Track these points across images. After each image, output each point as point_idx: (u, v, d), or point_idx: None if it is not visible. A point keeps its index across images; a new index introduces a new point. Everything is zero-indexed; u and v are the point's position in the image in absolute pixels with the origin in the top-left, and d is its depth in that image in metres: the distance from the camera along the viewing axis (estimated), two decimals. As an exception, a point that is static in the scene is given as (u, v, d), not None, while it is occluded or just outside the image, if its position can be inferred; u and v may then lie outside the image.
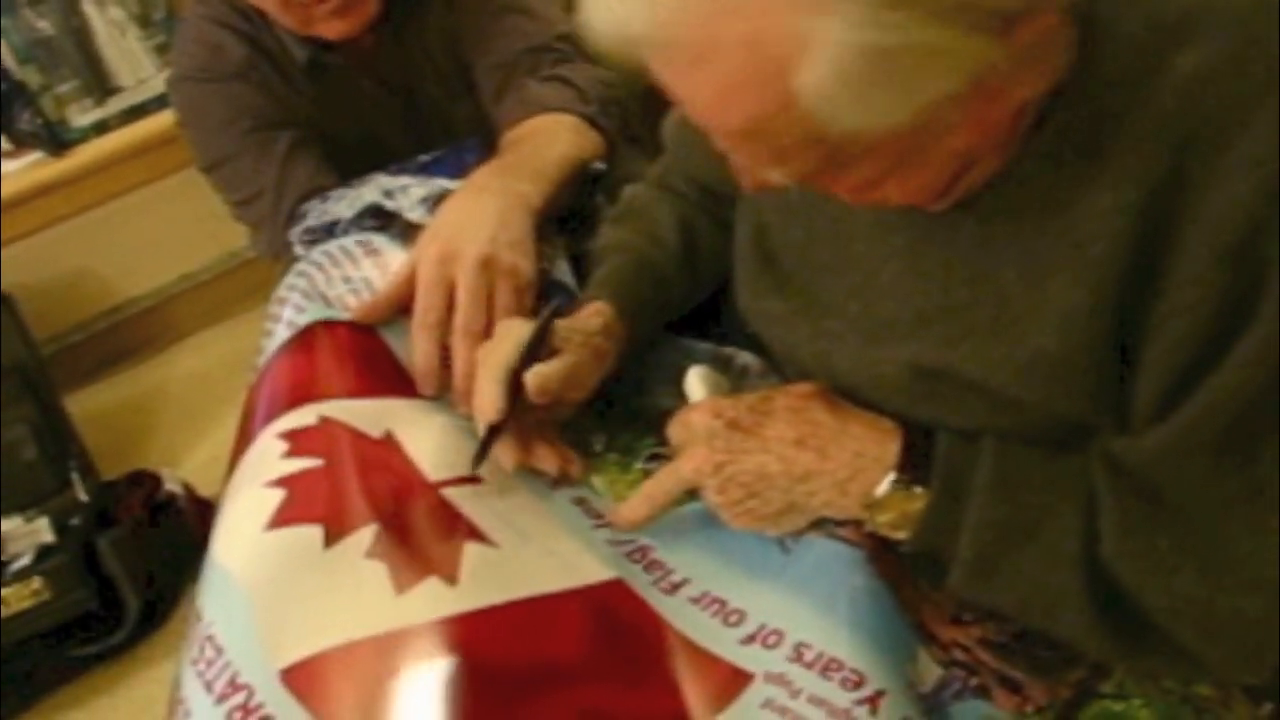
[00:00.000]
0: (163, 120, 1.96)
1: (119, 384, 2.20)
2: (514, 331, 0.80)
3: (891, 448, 0.67)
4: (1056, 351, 0.60)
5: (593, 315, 0.84)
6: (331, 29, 1.11)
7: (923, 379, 0.67)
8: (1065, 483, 0.63)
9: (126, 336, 2.23)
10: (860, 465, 0.67)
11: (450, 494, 0.75)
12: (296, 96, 1.20)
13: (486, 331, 0.84)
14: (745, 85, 0.51)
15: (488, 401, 0.77)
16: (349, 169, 1.13)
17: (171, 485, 1.75)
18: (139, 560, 1.61)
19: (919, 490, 0.65)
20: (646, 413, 0.84)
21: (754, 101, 0.52)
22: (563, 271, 0.95)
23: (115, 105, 2.04)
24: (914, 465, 0.66)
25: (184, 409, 2.10)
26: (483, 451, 0.77)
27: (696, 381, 0.80)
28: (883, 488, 0.66)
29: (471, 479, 0.77)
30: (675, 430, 0.75)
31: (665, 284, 0.90)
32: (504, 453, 0.78)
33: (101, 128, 2.04)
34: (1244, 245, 0.54)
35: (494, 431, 0.76)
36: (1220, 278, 0.54)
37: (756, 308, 0.81)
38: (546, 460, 0.78)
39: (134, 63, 2.03)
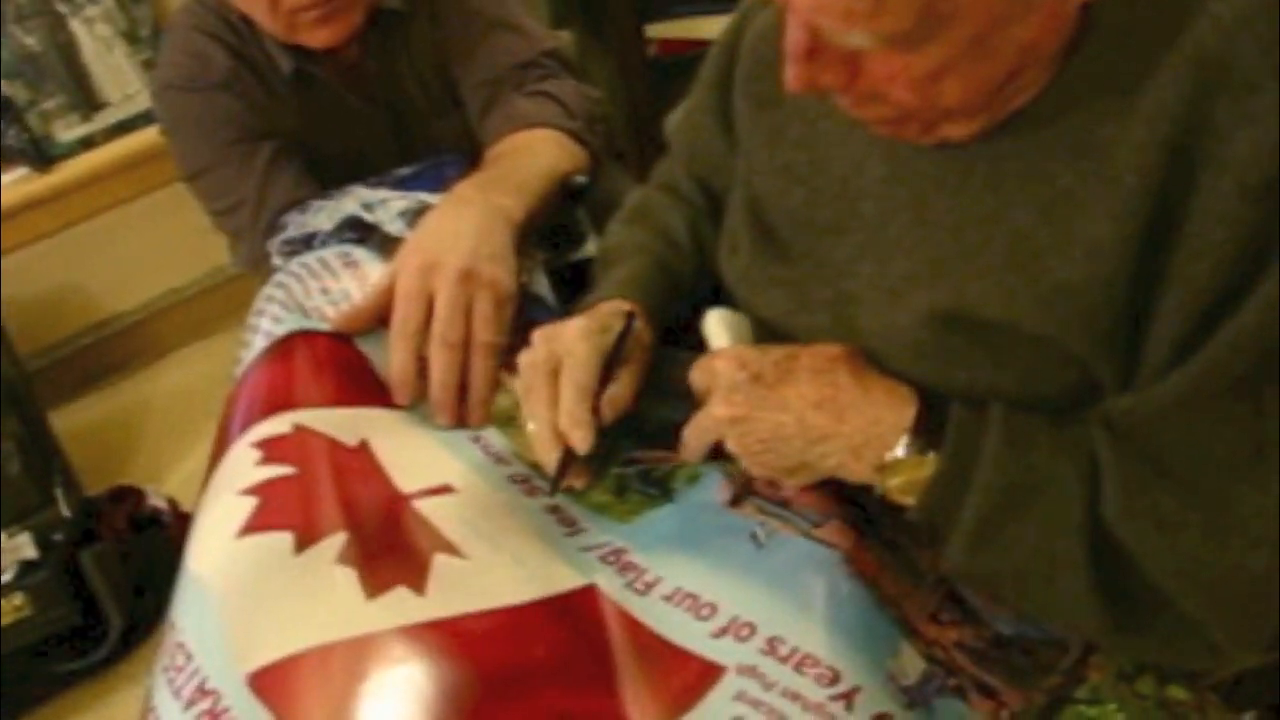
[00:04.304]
0: (149, 136, 1.96)
1: (104, 399, 2.20)
2: (589, 341, 0.78)
3: (907, 413, 0.67)
4: (1080, 282, 0.61)
5: (636, 323, 0.82)
6: (316, 37, 1.12)
7: (938, 327, 0.67)
8: (1070, 448, 0.63)
9: (111, 352, 2.23)
10: (876, 431, 0.67)
11: (422, 504, 0.74)
12: (280, 108, 1.20)
13: (464, 343, 0.84)
14: None
15: (576, 428, 0.75)
16: (332, 182, 1.14)
17: (156, 500, 1.75)
18: (122, 576, 1.61)
19: (931, 456, 0.65)
20: (603, 431, 0.83)
21: None
22: (542, 286, 0.96)
23: (101, 121, 2.05)
24: (928, 431, 0.66)
25: (169, 424, 2.10)
26: (560, 477, 0.76)
27: (718, 325, 0.77)
28: (895, 452, 0.66)
29: (443, 489, 0.76)
30: (699, 375, 0.74)
31: (682, 287, 0.90)
32: (577, 477, 0.78)
33: (87, 143, 2.05)
34: (1272, 184, 0.54)
35: (571, 454, 0.76)
36: (1249, 214, 0.55)
37: (758, 280, 0.80)
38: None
39: (120, 78, 2.04)
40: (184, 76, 1.19)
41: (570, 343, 0.78)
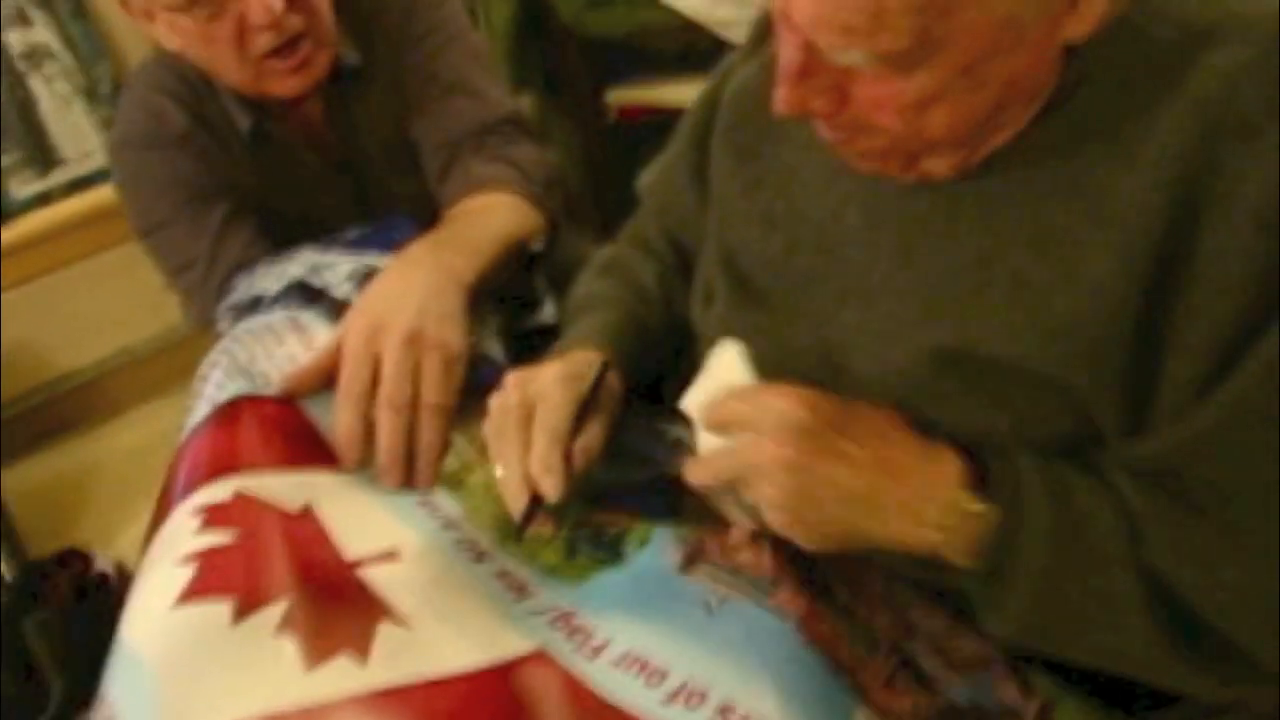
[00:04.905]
0: (105, 193, 1.95)
1: (54, 459, 2.15)
2: (564, 388, 0.77)
3: (954, 468, 0.65)
4: (1085, 318, 0.61)
5: (609, 373, 0.82)
6: (285, 86, 1.12)
7: (937, 368, 0.67)
8: (1102, 491, 0.63)
9: (63, 410, 2.19)
10: (932, 491, 0.65)
11: (367, 571, 0.73)
12: (236, 167, 1.20)
13: (412, 404, 0.83)
14: None
15: (547, 475, 0.74)
16: (287, 241, 1.13)
17: (104, 564, 1.71)
18: (64, 643, 1.56)
19: (983, 508, 0.64)
20: (573, 480, 0.83)
21: None
22: (493, 348, 0.95)
23: (58, 178, 2.04)
24: (978, 484, 0.65)
25: (120, 485, 2.06)
26: (526, 524, 0.75)
27: (740, 359, 0.73)
28: (967, 507, 0.64)
29: (389, 555, 0.75)
30: (739, 406, 0.70)
31: (650, 340, 0.90)
32: (543, 524, 0.76)
33: (43, 200, 2.03)
34: None
35: (538, 501, 0.75)
36: (1265, 248, 0.56)
37: (736, 328, 0.79)
38: None
39: (78, 136, 2.03)
40: (141, 134, 1.19)
41: (545, 388, 0.77)
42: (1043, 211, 0.64)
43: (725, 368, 0.72)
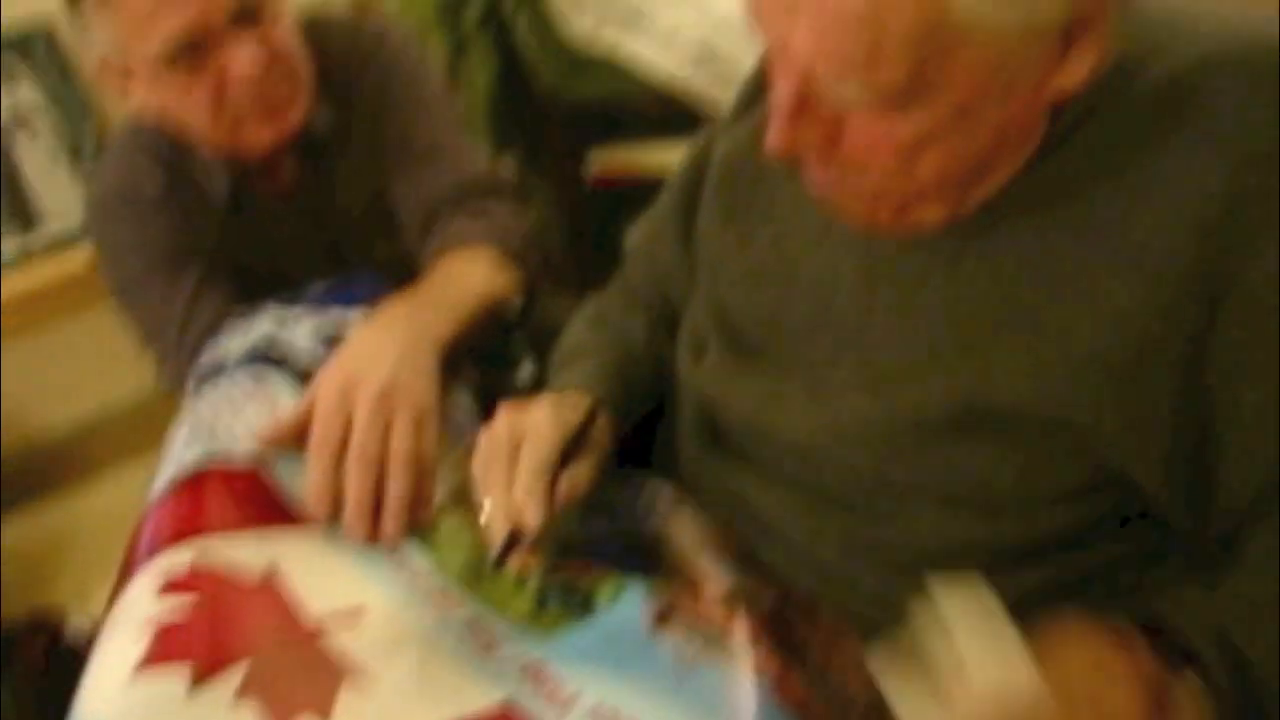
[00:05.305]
0: (87, 252, 1.94)
1: (33, 518, 2.14)
2: (553, 425, 0.78)
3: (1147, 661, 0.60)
4: (1111, 351, 0.61)
5: (599, 415, 0.83)
6: (260, 137, 1.12)
7: (946, 417, 0.66)
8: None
9: (41, 469, 2.17)
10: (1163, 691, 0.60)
11: (332, 627, 0.72)
12: (213, 229, 1.20)
13: (381, 459, 0.83)
14: None
15: (528, 509, 0.74)
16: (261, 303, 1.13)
17: (79, 623, 1.68)
18: (35, 710, 1.53)
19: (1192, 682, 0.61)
20: (555, 515, 0.82)
21: None
22: (466, 408, 0.95)
23: (40, 236, 2.04)
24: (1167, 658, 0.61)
25: (98, 546, 2.03)
26: (505, 554, 0.75)
27: (989, 607, 0.55)
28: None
29: (355, 610, 0.74)
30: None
31: (637, 389, 0.91)
32: (523, 555, 0.76)
33: (25, 258, 2.03)
34: None
35: (520, 532, 0.75)
36: None
37: (728, 376, 0.80)
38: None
39: (61, 194, 2.04)
40: (119, 194, 1.20)
41: (535, 422, 0.79)
42: (1053, 251, 0.64)
43: (969, 619, 0.55)
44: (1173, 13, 0.66)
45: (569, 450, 0.78)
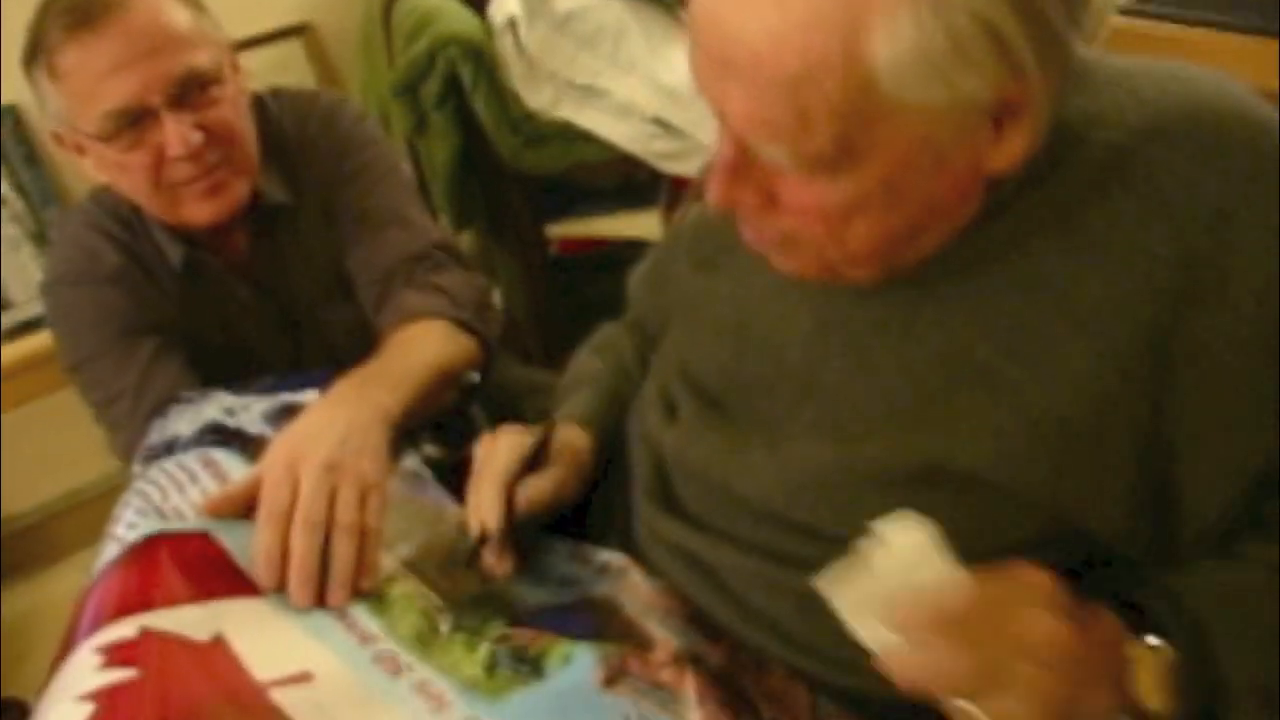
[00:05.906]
0: (51, 336, 1.95)
1: (-2, 603, 2.09)
2: (511, 442, 0.86)
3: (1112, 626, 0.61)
4: (1069, 412, 0.62)
5: (578, 435, 0.91)
6: (200, 212, 1.14)
7: (916, 476, 0.66)
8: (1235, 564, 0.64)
9: (7, 554, 2.14)
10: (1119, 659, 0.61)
11: (278, 694, 0.71)
12: (168, 301, 1.21)
13: (326, 524, 0.83)
14: (818, 26, 0.55)
15: (488, 511, 0.83)
16: (217, 375, 1.13)
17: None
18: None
19: (1151, 644, 0.61)
20: (495, 596, 0.84)
21: (820, 44, 0.55)
22: (420, 477, 0.96)
23: (5, 320, 2.03)
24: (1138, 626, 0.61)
25: (61, 632, 1.99)
26: (473, 558, 0.84)
27: (931, 546, 0.59)
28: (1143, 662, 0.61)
29: (302, 676, 0.74)
30: (977, 614, 0.58)
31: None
32: (492, 560, 0.84)
33: (-11, 342, 2.02)
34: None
35: (485, 539, 0.83)
36: (1268, 314, 0.60)
37: (694, 431, 0.81)
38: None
39: (26, 279, 2.04)
40: (73, 271, 1.21)
41: (499, 443, 0.88)
42: (1005, 310, 0.65)
43: (907, 554, 0.59)
44: (1117, 78, 0.67)
45: (527, 466, 0.86)
